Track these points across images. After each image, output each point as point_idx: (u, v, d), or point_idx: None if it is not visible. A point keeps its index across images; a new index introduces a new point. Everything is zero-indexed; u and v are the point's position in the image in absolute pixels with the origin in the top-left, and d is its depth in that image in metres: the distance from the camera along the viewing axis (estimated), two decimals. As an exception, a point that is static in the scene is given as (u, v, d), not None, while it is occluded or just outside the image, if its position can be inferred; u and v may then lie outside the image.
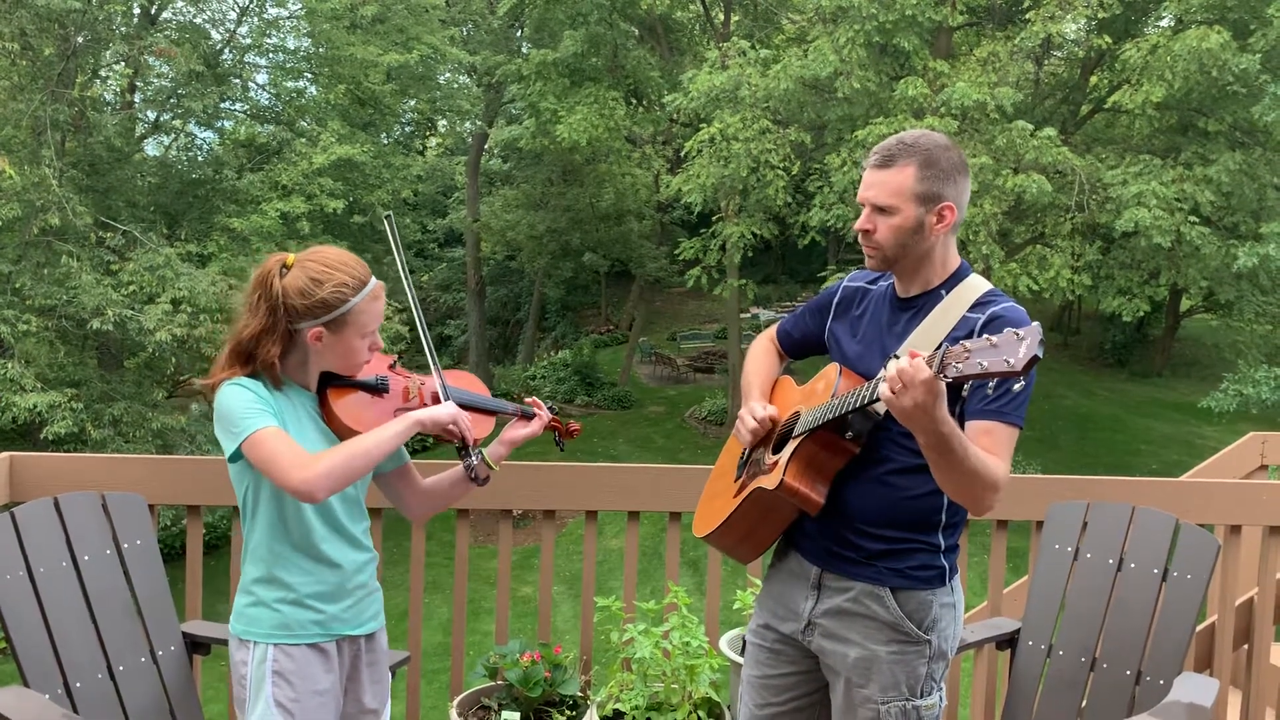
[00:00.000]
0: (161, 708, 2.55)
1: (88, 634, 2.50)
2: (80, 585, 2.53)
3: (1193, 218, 14.50)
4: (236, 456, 2.00)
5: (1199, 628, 3.34)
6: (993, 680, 3.26)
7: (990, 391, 1.95)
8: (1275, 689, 3.47)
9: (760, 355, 2.46)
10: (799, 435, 2.10)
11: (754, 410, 2.22)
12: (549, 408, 2.37)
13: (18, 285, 14.10)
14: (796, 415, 2.20)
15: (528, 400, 2.37)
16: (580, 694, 3.06)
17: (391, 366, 2.25)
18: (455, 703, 3.05)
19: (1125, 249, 15.85)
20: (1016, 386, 1.68)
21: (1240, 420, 16.63)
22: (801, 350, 2.43)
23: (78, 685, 2.43)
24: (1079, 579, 2.92)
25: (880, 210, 2.08)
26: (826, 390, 2.13)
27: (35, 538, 2.49)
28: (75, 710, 2.40)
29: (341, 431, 2.12)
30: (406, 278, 2.37)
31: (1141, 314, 16.20)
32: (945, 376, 1.71)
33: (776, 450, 2.20)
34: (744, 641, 2.39)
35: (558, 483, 3.19)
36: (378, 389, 2.20)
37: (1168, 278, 15.72)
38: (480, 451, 2.27)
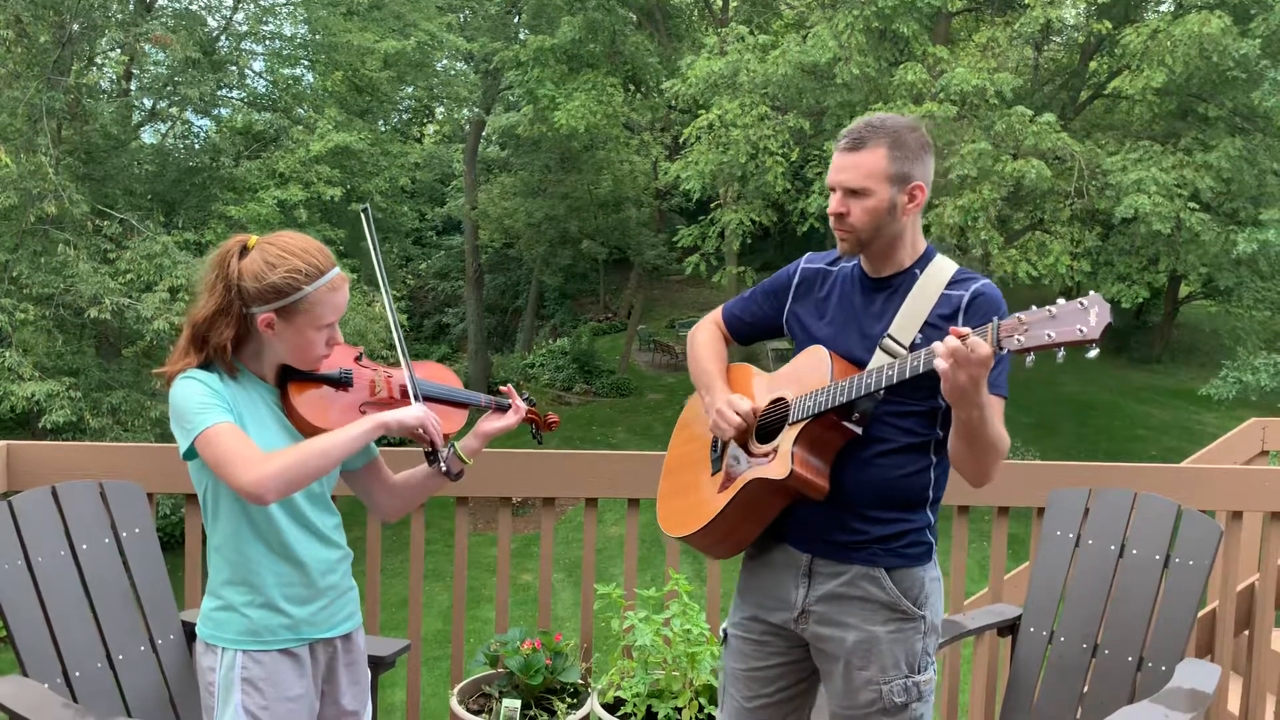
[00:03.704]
0: (161, 696, 2.55)
1: (86, 623, 2.49)
2: (79, 574, 2.52)
3: (1192, 204, 14.47)
4: (191, 454, 1.94)
5: (1200, 614, 3.34)
6: (994, 667, 3.26)
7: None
8: (1276, 675, 3.48)
9: (711, 343, 2.42)
10: (799, 421, 2.08)
11: (736, 405, 2.18)
12: (525, 399, 2.30)
13: (15, 274, 14.07)
14: (780, 402, 2.17)
15: (503, 389, 2.29)
16: (581, 681, 3.06)
17: (357, 359, 2.16)
18: (456, 691, 3.05)
19: (1125, 235, 15.83)
20: (1092, 354, 1.72)
21: (1239, 406, 16.65)
22: (751, 335, 2.41)
23: (77, 674, 2.42)
24: (1081, 565, 2.92)
25: (853, 193, 2.09)
26: (819, 375, 2.11)
27: (33, 527, 2.48)
28: (75, 699, 2.39)
29: (303, 427, 2.04)
30: (380, 269, 2.27)
31: (1141, 300, 16.18)
32: (1003, 350, 1.76)
33: (762, 438, 2.17)
34: (724, 635, 2.37)
35: (557, 470, 3.19)
36: (341, 383, 2.10)
37: (1167, 264, 15.70)
38: (453, 445, 2.20)
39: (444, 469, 2.17)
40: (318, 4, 17.32)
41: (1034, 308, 1.76)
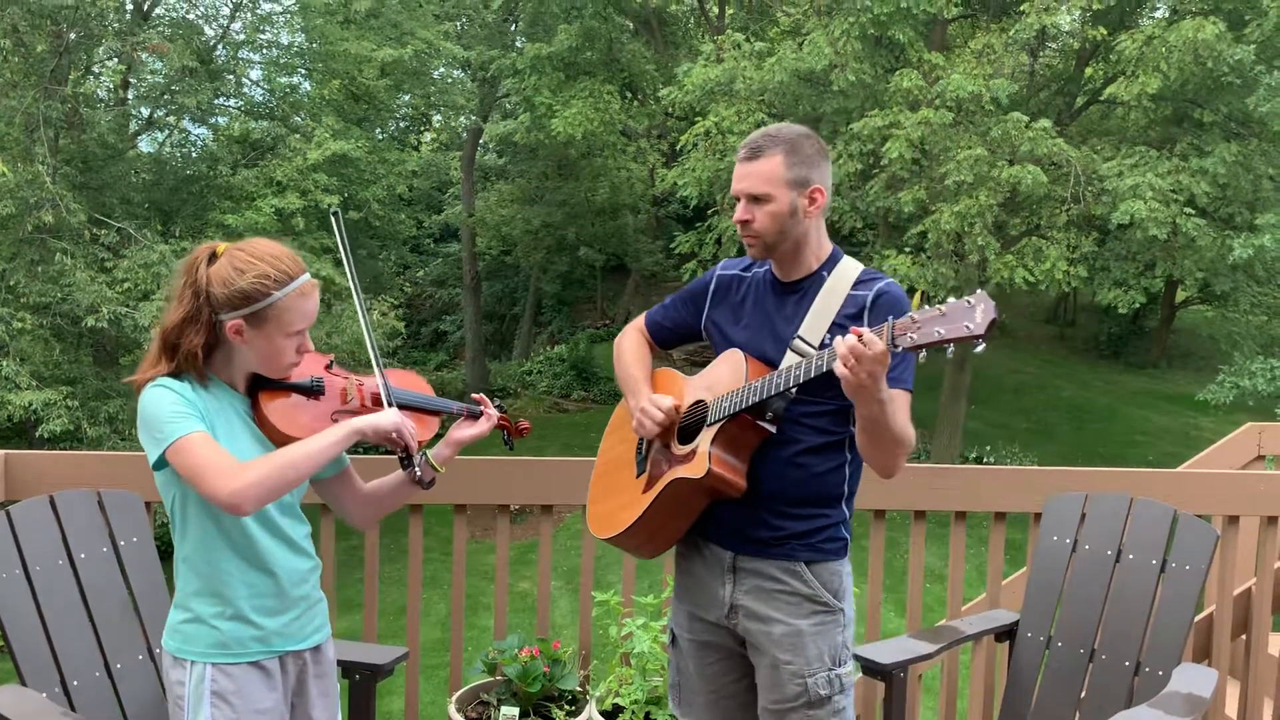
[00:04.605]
0: (159, 706, 2.54)
1: (85, 632, 2.49)
2: (77, 583, 2.52)
3: (1188, 209, 14.48)
4: (161, 464, 1.92)
5: (1197, 618, 3.35)
6: (991, 672, 3.26)
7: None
8: (1273, 679, 3.48)
9: (635, 348, 2.49)
10: (717, 421, 2.15)
11: (658, 403, 2.26)
12: (496, 405, 2.31)
13: (12, 283, 14.05)
14: (699, 404, 2.24)
15: (474, 397, 2.30)
16: (579, 689, 3.06)
17: (328, 366, 2.16)
18: (454, 698, 3.05)
19: (1121, 241, 15.83)
20: (979, 350, 1.77)
21: (1236, 411, 16.64)
22: (674, 340, 2.49)
23: (75, 684, 2.42)
24: (1077, 570, 2.92)
25: (756, 199, 2.18)
26: (735, 377, 2.18)
27: (31, 536, 2.49)
28: (73, 708, 2.39)
29: (275, 436, 2.03)
30: (352, 273, 2.27)
31: (1137, 306, 16.17)
32: (897, 347, 1.82)
33: (684, 440, 2.23)
34: (672, 635, 2.42)
35: (555, 477, 3.19)
36: (312, 391, 2.10)
37: (1163, 269, 15.70)
38: (425, 453, 2.20)
39: (417, 476, 2.17)
40: (315, 13, 17.32)
41: (925, 306, 1.83)
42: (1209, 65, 14.20)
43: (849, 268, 2.23)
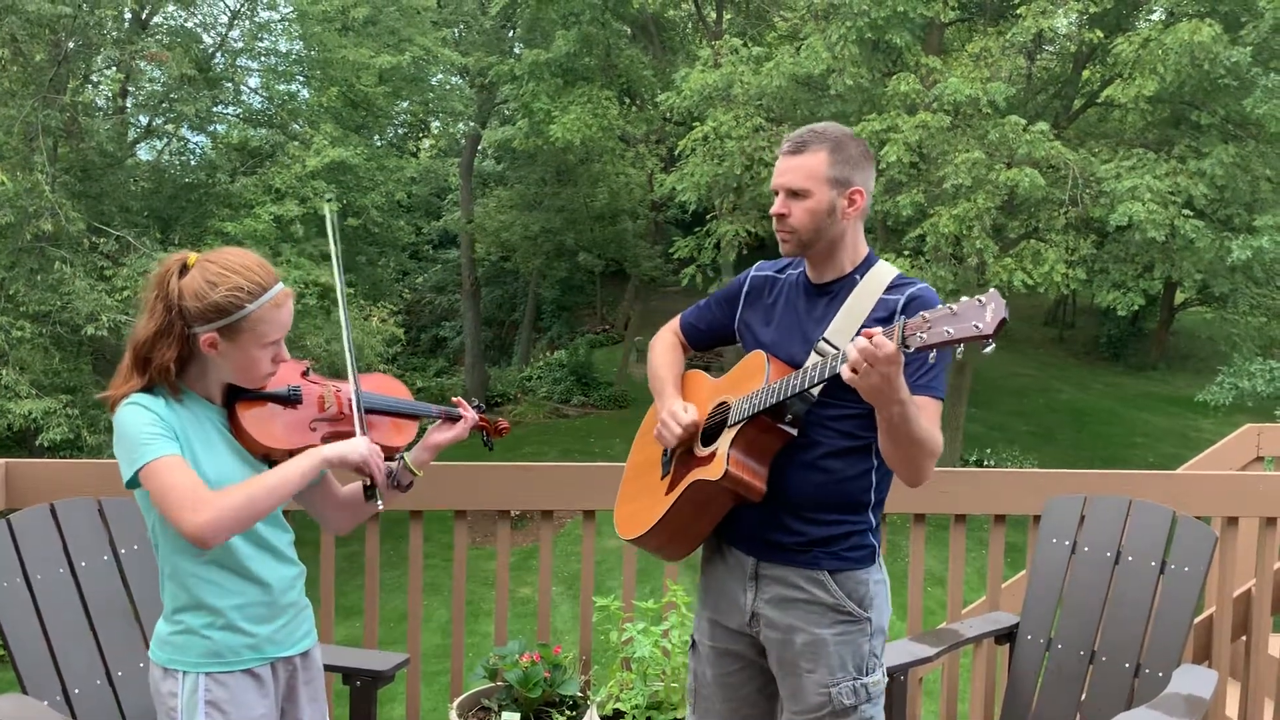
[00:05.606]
0: (161, 713, 2.55)
1: (86, 640, 2.49)
2: (78, 592, 2.53)
3: (1186, 211, 14.50)
4: (135, 484, 1.91)
5: (1197, 620, 3.35)
6: (992, 675, 3.27)
7: (919, 367, 2.05)
8: (1273, 680, 3.48)
9: (667, 350, 2.48)
10: (736, 423, 2.12)
11: (678, 416, 2.24)
12: (475, 406, 2.29)
13: (11, 292, 14.06)
14: (723, 405, 2.22)
15: (453, 400, 2.28)
16: (580, 694, 3.06)
17: (304, 374, 2.14)
18: (455, 704, 3.05)
19: (1119, 243, 15.85)
20: (987, 350, 1.74)
21: (1235, 412, 16.66)
22: (708, 342, 2.47)
23: (76, 692, 2.43)
24: (1077, 573, 2.93)
25: (795, 194, 2.16)
26: (756, 378, 2.16)
27: (32, 545, 2.49)
28: (74, 717, 2.40)
29: (253, 447, 2.02)
30: (339, 275, 2.28)
31: (1136, 308, 16.18)
32: (908, 348, 1.79)
33: (706, 442, 2.22)
34: (693, 641, 2.41)
35: (555, 483, 3.20)
36: (289, 400, 2.08)
37: (1162, 271, 15.72)
38: (402, 457, 2.19)
39: (394, 479, 2.16)
40: (313, 20, 17.35)
41: (939, 305, 1.80)
42: (1206, 67, 14.22)
43: (882, 271, 2.19)
